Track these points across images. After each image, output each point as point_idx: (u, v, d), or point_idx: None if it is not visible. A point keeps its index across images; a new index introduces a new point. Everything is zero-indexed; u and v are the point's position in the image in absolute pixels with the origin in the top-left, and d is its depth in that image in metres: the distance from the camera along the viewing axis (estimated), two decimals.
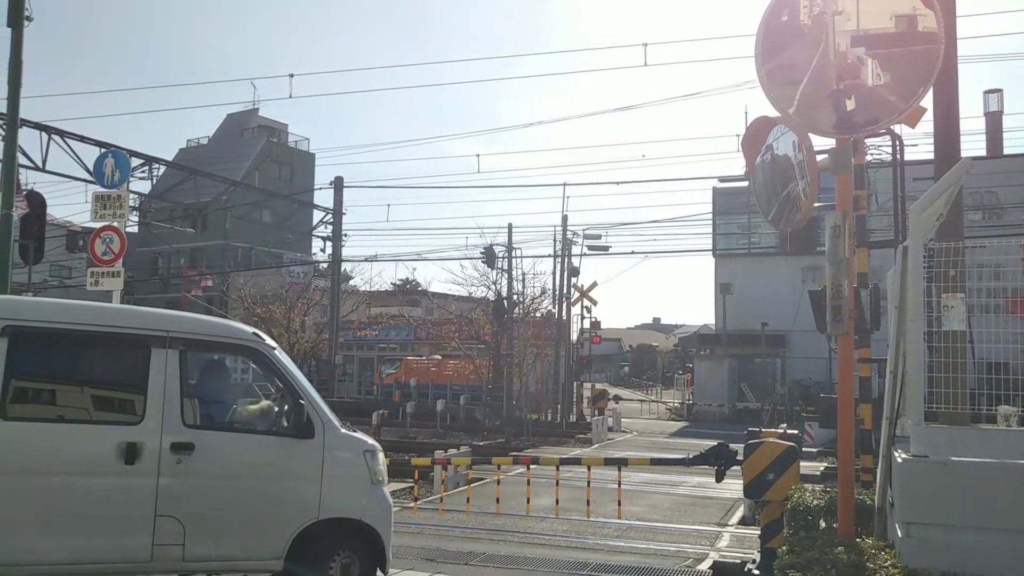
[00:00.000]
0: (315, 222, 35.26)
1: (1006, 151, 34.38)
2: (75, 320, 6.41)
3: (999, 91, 35.64)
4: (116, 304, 10.03)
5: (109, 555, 6.03)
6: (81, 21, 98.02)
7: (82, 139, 23.07)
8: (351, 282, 44.69)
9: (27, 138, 21.25)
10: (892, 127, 13.03)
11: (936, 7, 5.67)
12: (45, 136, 22.29)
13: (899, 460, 4.98)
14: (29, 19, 9.88)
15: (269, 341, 6.95)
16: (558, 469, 12.59)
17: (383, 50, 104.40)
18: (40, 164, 22.09)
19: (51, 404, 6.47)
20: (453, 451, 16.34)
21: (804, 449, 13.11)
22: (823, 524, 6.02)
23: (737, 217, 41.13)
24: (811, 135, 5.93)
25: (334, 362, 35.91)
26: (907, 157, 19.33)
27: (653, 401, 47.56)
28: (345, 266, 39.00)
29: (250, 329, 7.10)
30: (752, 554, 8.75)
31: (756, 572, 7.94)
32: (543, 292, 36.54)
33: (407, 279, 54.25)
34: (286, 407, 6.70)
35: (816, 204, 6.04)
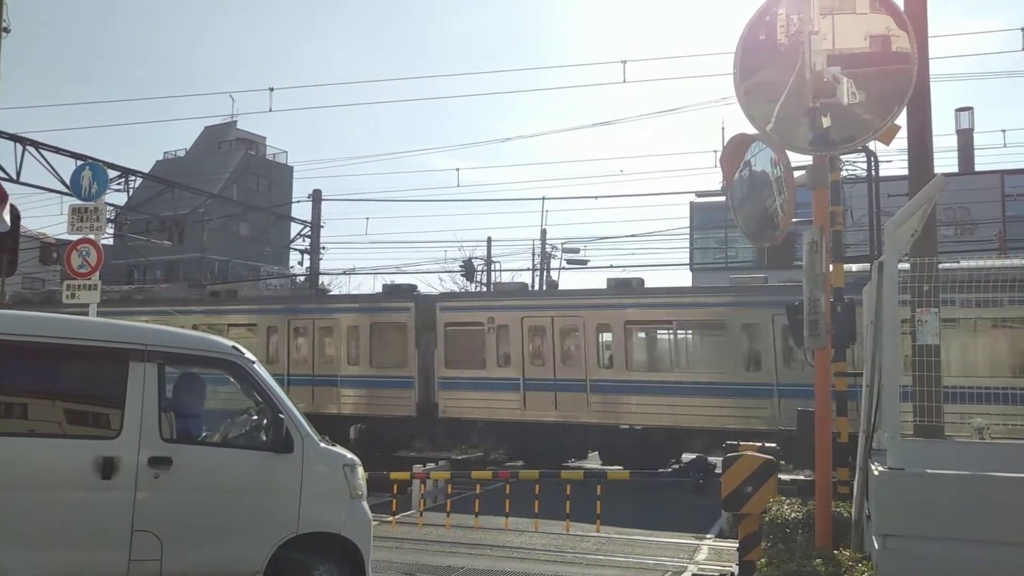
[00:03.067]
0: (293, 235, 35.01)
1: (977, 168, 34.89)
2: (52, 333, 6.35)
3: (970, 109, 36.18)
4: (93, 317, 9.94)
5: (85, 570, 5.95)
6: (57, 33, 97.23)
7: (57, 151, 22.82)
8: None
9: (1, 149, 21.06)
10: (867, 144, 13.24)
11: (909, 28, 5.79)
12: (20, 147, 22.05)
13: (876, 473, 5.04)
14: (7, 30, 9.81)
15: (248, 355, 6.92)
16: (538, 483, 12.59)
17: (363, 65, 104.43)
18: (14, 176, 21.85)
19: (27, 418, 6.39)
20: (432, 465, 16.29)
21: (782, 462, 13.19)
22: (801, 537, 6.07)
23: (714, 232, 41.37)
24: (788, 152, 6.02)
25: None
26: (882, 173, 19.62)
27: None
28: (323, 279, 38.82)
29: (229, 343, 7.06)
30: (731, 567, 8.80)
31: None
32: None
33: None
34: (265, 421, 6.66)
35: (793, 220, 6.13)
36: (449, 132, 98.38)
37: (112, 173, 24.16)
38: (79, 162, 18.33)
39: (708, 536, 12.00)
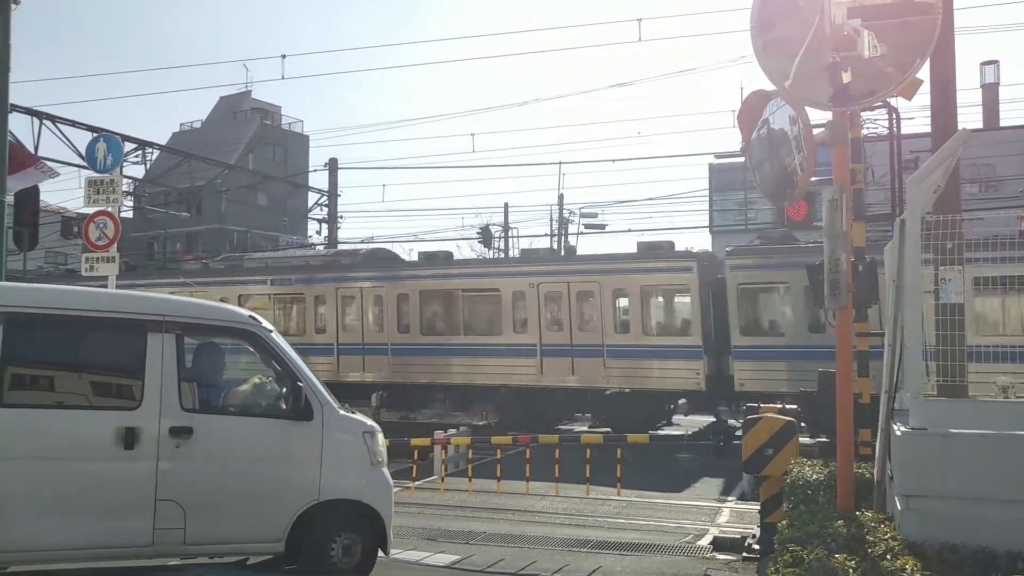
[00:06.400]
0: (310, 204, 35.10)
1: (1003, 123, 34.22)
2: (71, 305, 6.39)
3: (996, 63, 35.40)
4: (112, 289, 10.00)
5: (110, 540, 6.04)
6: (69, 4, 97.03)
7: (74, 124, 22.86)
8: None
9: (18, 124, 21.09)
10: (889, 100, 12.97)
11: None
12: (36, 121, 22.11)
13: (898, 433, 4.98)
14: (16, 2, 9.75)
15: (266, 324, 6.94)
16: (557, 448, 12.63)
17: (375, 30, 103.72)
18: (32, 150, 21.93)
19: (49, 390, 6.45)
20: (452, 431, 16.38)
21: (802, 424, 13.15)
22: (823, 498, 6.04)
23: (733, 193, 40.99)
24: (807, 108, 5.88)
25: None
26: (903, 130, 19.29)
27: None
28: (341, 248, 38.90)
29: (247, 312, 7.09)
30: (752, 529, 8.80)
31: (756, 547, 7.98)
32: None
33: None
34: (284, 389, 6.69)
35: (813, 178, 6.01)
36: (464, 97, 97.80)
37: (128, 146, 24.27)
38: (95, 135, 18.36)
39: (729, 499, 12.02)
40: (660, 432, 18.69)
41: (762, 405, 8.71)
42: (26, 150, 10.97)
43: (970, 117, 33.45)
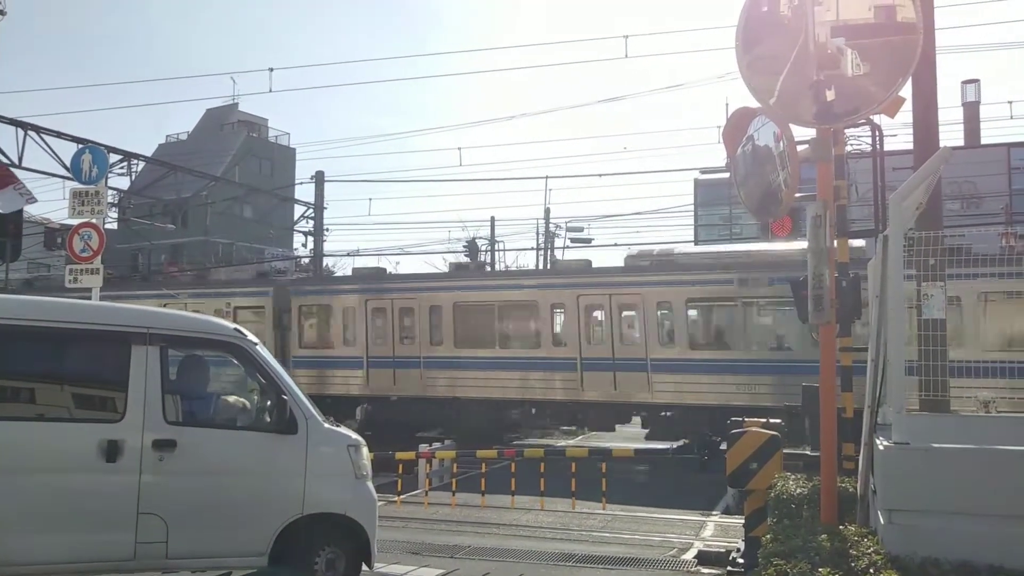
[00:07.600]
0: (296, 217, 34.98)
1: (983, 141, 34.62)
2: (54, 317, 6.35)
3: (976, 81, 35.88)
4: (96, 301, 9.94)
5: (91, 553, 5.98)
6: (55, 14, 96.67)
7: (59, 135, 22.71)
8: None
9: (2, 134, 20.97)
10: (872, 117, 13.11)
11: None
12: (21, 132, 21.96)
13: (881, 448, 5.01)
14: (3, 13, 9.73)
15: (251, 337, 6.91)
16: (543, 462, 12.62)
17: (363, 44, 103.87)
18: (16, 161, 21.75)
19: (31, 402, 6.41)
20: (437, 445, 16.33)
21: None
22: (806, 512, 6.06)
23: (718, 208, 41.25)
24: (792, 125, 5.95)
25: None
26: (886, 147, 19.44)
27: None
28: (327, 261, 38.81)
29: (231, 325, 7.07)
30: (736, 543, 8.80)
31: (741, 561, 7.99)
32: None
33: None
34: (268, 403, 6.67)
35: (797, 195, 6.07)
36: (452, 111, 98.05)
37: (114, 157, 24.12)
38: (80, 146, 18.29)
39: (714, 513, 12.03)
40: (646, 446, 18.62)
41: (746, 419, 8.72)
42: (4, 168, 10.90)
43: (951, 135, 33.83)
